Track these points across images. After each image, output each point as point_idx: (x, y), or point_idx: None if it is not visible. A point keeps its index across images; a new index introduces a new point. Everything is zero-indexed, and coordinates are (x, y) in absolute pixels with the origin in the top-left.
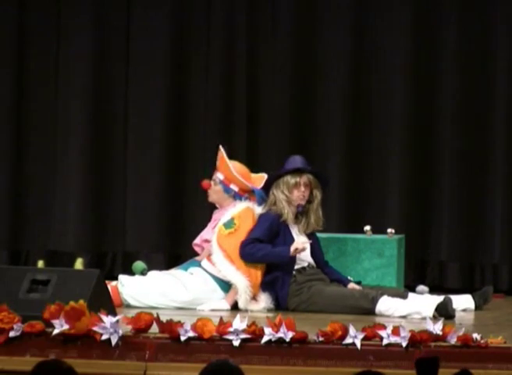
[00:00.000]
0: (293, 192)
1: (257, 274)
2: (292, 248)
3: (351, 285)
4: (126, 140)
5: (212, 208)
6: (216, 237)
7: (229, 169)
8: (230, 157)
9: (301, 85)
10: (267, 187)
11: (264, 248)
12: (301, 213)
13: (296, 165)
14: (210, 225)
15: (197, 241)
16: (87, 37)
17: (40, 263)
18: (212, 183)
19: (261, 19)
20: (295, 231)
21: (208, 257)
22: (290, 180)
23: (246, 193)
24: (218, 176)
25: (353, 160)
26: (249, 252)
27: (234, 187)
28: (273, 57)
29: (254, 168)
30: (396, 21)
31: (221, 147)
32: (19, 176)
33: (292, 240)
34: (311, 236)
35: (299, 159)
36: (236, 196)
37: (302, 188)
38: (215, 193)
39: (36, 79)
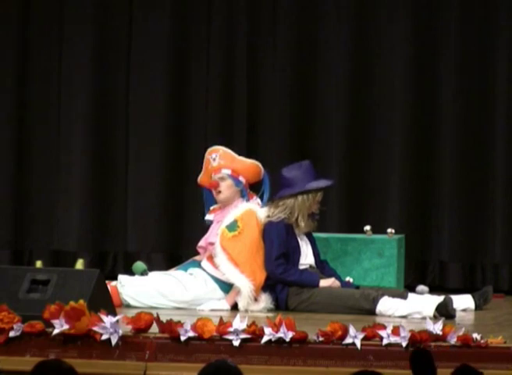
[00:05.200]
0: (315, 204)
1: (261, 278)
2: (326, 284)
3: (347, 278)
4: (128, 140)
5: None
6: (220, 240)
7: (234, 158)
8: None
9: (302, 85)
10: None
11: (294, 274)
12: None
13: (318, 181)
14: (214, 227)
15: (202, 243)
16: (89, 39)
17: (39, 263)
18: (219, 181)
19: (261, 19)
20: (297, 232)
21: (208, 257)
22: (317, 194)
23: (249, 184)
24: (225, 172)
25: (353, 160)
26: (280, 277)
27: (242, 179)
28: (273, 57)
29: None
30: (396, 25)
31: (216, 147)
32: (21, 177)
33: (296, 243)
34: (308, 236)
35: (314, 171)
36: (243, 190)
37: (320, 199)
38: (227, 189)
39: (38, 79)
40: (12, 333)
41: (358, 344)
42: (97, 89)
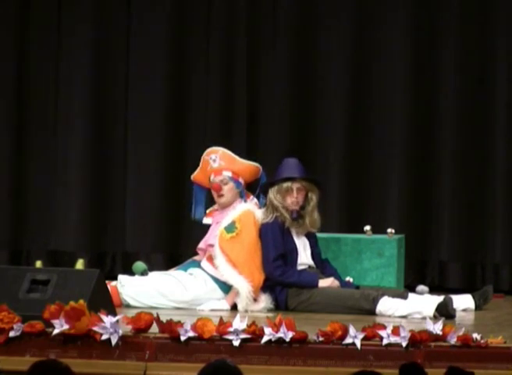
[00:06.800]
0: (286, 198)
1: (259, 278)
2: (324, 284)
3: (347, 278)
4: (126, 140)
5: None
6: (218, 242)
7: (234, 160)
8: None
9: (302, 85)
10: (263, 193)
11: (292, 275)
12: (296, 218)
13: (287, 172)
14: (213, 228)
15: (202, 245)
16: (88, 38)
17: (39, 263)
18: (221, 184)
19: (261, 19)
20: (294, 232)
21: (208, 258)
22: (282, 185)
23: (246, 185)
24: (226, 174)
25: (353, 160)
26: (278, 279)
27: (241, 181)
28: (273, 57)
29: None
30: (396, 26)
31: (215, 148)
32: (19, 176)
33: (293, 242)
34: (310, 237)
35: (292, 165)
36: (242, 192)
37: (295, 194)
38: (229, 191)
39: (37, 78)
40: (12, 333)
41: (358, 344)
42: (97, 89)
